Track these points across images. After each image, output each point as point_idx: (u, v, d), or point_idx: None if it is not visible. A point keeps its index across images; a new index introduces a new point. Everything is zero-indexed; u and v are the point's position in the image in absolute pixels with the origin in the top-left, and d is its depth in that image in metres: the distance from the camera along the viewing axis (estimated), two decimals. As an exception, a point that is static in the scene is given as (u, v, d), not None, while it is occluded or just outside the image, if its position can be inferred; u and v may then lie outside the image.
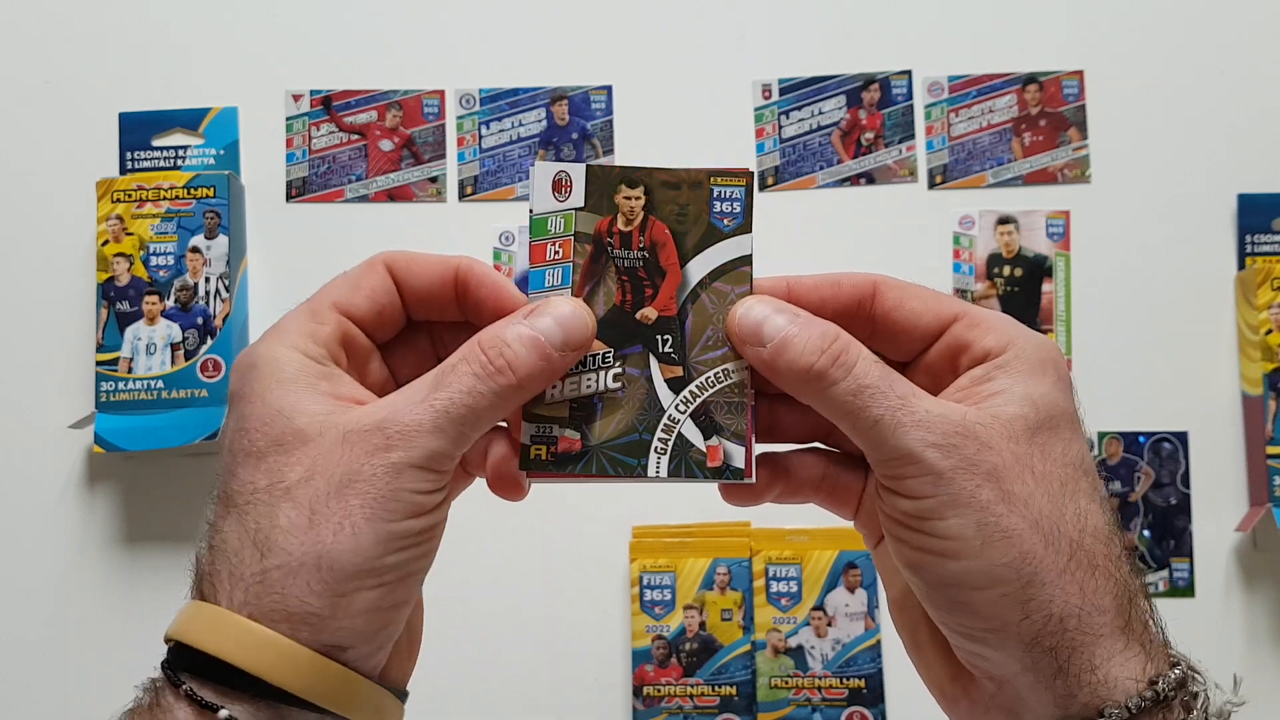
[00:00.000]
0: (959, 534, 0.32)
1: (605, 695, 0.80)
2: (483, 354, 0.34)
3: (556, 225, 0.37)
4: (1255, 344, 0.80)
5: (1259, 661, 0.80)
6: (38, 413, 0.83)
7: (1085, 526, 0.33)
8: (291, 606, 0.31)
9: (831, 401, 0.34)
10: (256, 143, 0.86)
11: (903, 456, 0.33)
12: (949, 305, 0.37)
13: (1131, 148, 0.85)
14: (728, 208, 0.38)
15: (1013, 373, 0.35)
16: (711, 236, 0.37)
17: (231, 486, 0.33)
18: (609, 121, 0.86)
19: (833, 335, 0.35)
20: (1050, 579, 0.32)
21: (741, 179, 0.38)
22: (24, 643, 0.82)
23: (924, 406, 0.33)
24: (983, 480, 0.32)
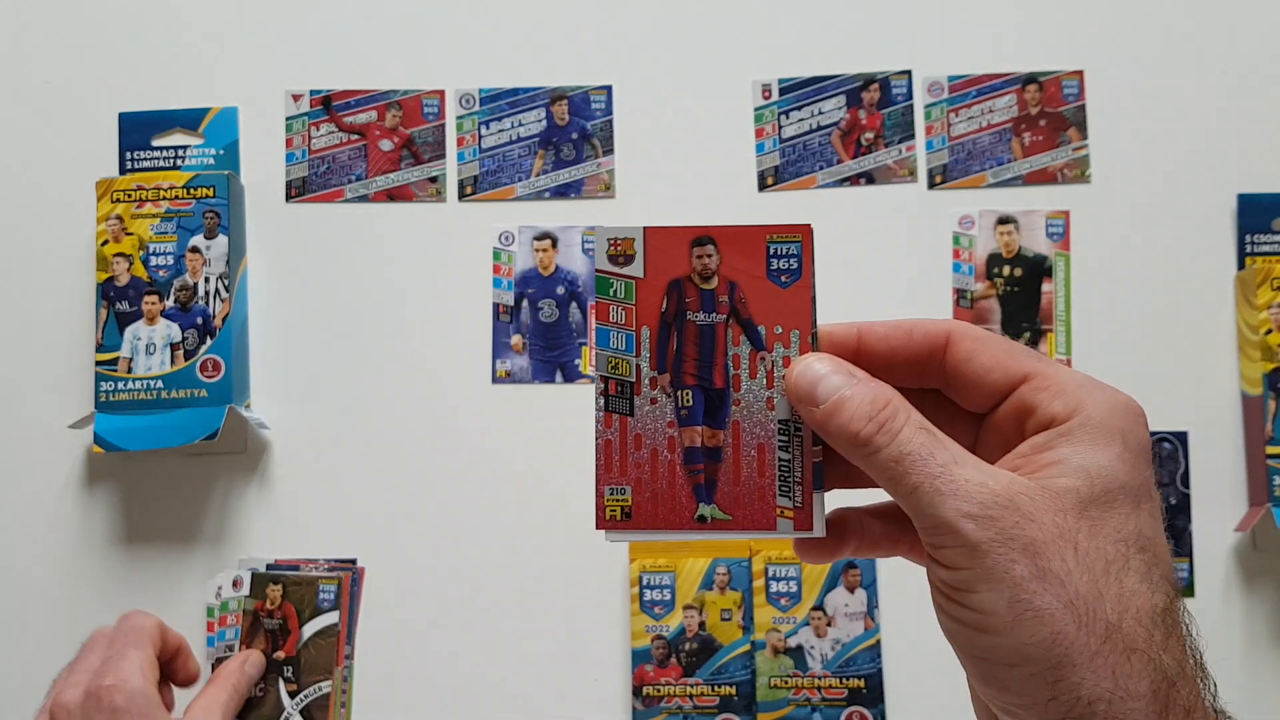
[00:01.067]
0: (991, 609, 0.32)
1: (605, 695, 0.80)
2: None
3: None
4: (1255, 344, 0.80)
5: (1259, 661, 0.80)
6: (38, 413, 0.83)
7: (1127, 609, 0.32)
8: None
9: (875, 467, 0.34)
10: (256, 143, 0.86)
11: (939, 526, 0.32)
12: (1020, 363, 0.36)
13: (1131, 148, 0.85)
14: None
15: (1075, 442, 0.33)
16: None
17: None
18: (609, 121, 0.86)
19: (883, 401, 0.34)
20: (1081, 661, 0.31)
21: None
22: (24, 642, 0.82)
23: (965, 475, 0.33)
24: (1019, 555, 0.31)
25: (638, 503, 0.37)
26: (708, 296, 0.37)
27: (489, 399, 0.83)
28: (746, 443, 0.37)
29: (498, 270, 0.85)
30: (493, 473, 0.82)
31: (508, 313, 0.84)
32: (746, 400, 0.37)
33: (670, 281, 0.37)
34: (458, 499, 0.82)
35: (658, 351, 0.37)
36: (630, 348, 0.37)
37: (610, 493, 0.37)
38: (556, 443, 0.82)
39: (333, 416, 0.84)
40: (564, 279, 0.85)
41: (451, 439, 0.83)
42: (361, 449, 0.83)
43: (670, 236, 0.37)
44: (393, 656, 0.80)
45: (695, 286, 0.37)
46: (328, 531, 0.82)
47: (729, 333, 0.37)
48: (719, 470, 0.37)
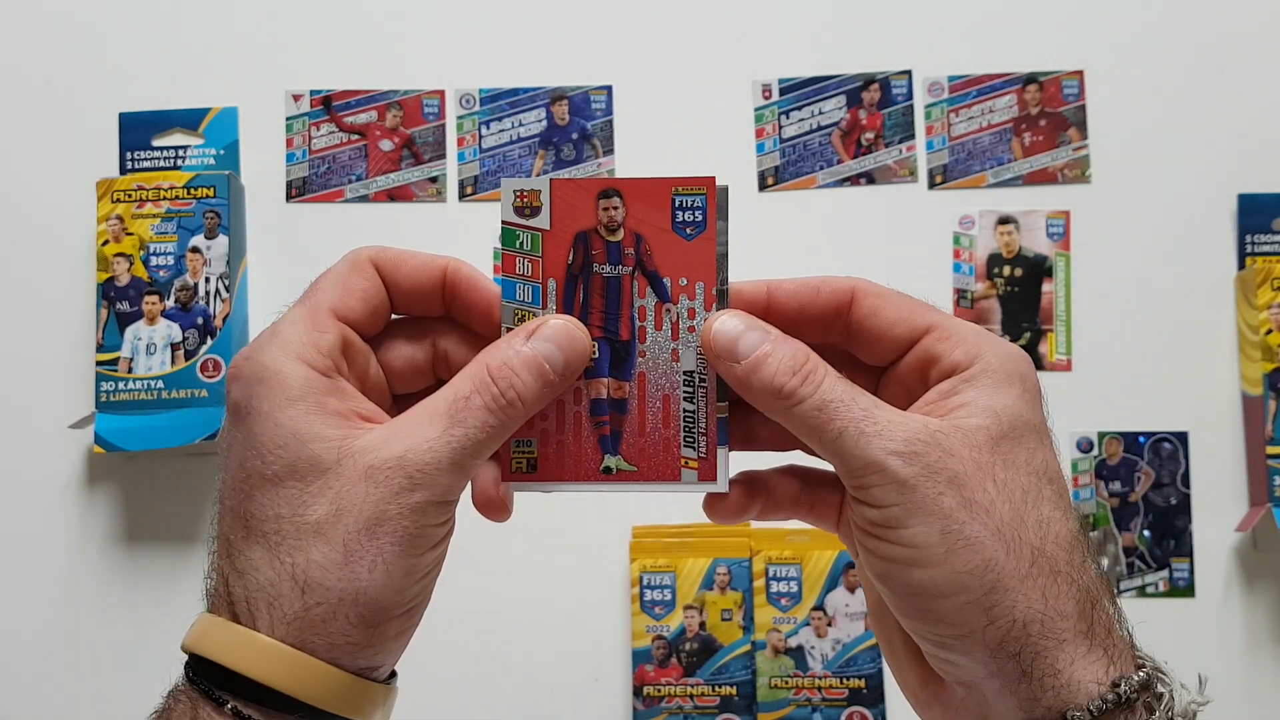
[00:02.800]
0: (923, 542, 0.33)
1: (605, 695, 0.80)
2: (494, 386, 0.35)
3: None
4: (1255, 344, 0.80)
5: (1259, 661, 0.80)
6: (38, 413, 0.83)
7: (1047, 534, 0.33)
8: (334, 640, 0.33)
9: (797, 418, 0.35)
10: (256, 143, 0.86)
11: (866, 465, 0.34)
12: (922, 316, 0.37)
13: (1131, 148, 0.85)
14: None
15: (978, 386, 0.35)
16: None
17: (250, 509, 0.34)
18: (609, 121, 0.86)
19: (804, 356, 0.35)
20: (1013, 585, 0.32)
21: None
22: (24, 642, 0.82)
23: (886, 417, 0.34)
24: (945, 487, 0.33)
25: (543, 455, 0.38)
26: (614, 249, 0.37)
27: (489, 399, 0.83)
28: (652, 394, 0.37)
29: (498, 270, 0.85)
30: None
31: (508, 313, 0.84)
32: (652, 352, 0.37)
33: (576, 234, 0.37)
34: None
35: (564, 304, 0.37)
36: (536, 300, 0.37)
37: (516, 445, 0.37)
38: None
39: (333, 416, 0.84)
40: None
41: (452, 439, 0.83)
42: (362, 449, 0.83)
43: (577, 189, 0.37)
44: (393, 656, 0.80)
45: (601, 239, 0.37)
46: (328, 531, 0.82)
47: (635, 285, 0.37)
48: (624, 422, 0.38)
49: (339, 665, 0.33)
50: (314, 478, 0.33)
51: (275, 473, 0.34)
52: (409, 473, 0.33)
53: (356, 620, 0.33)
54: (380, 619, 0.33)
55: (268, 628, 0.33)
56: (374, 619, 0.33)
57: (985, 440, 0.34)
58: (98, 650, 0.81)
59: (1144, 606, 0.81)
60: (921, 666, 0.37)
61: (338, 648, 0.33)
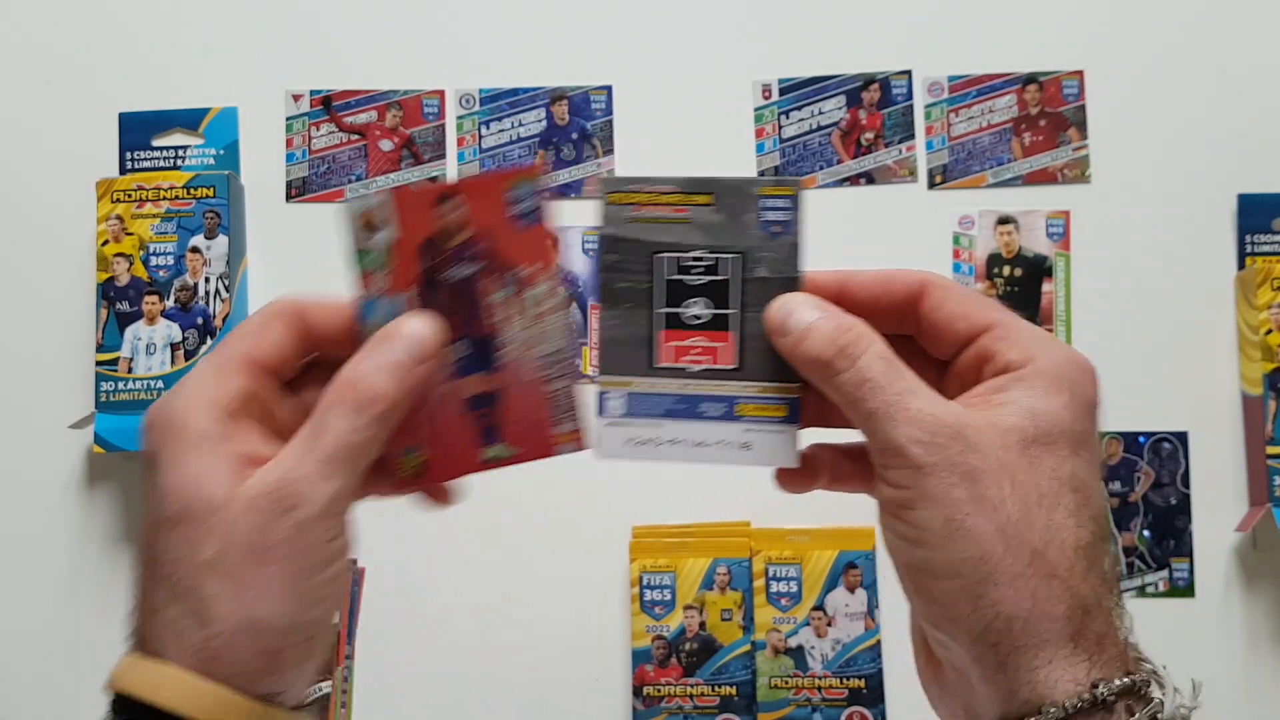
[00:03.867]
0: (927, 524, 0.34)
1: (605, 695, 0.80)
2: (351, 390, 0.36)
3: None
4: (1255, 344, 0.80)
5: (1259, 661, 0.80)
6: (38, 413, 0.83)
7: (1052, 539, 0.34)
8: (235, 668, 0.34)
9: (838, 390, 0.36)
10: (256, 143, 0.86)
11: (890, 448, 0.35)
12: (985, 314, 0.38)
13: (1131, 148, 0.85)
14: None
15: (1026, 386, 0.36)
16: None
17: (155, 553, 0.35)
18: (609, 121, 0.86)
19: (847, 327, 0.37)
20: (1004, 580, 0.33)
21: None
22: (24, 642, 0.82)
23: (918, 404, 0.35)
24: (959, 479, 0.34)
25: (431, 459, 0.39)
26: (461, 250, 0.39)
27: (489, 399, 0.83)
28: (520, 380, 0.39)
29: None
30: (492, 472, 0.82)
31: (508, 313, 0.84)
32: (513, 343, 0.39)
33: (423, 241, 0.38)
34: (450, 506, 0.82)
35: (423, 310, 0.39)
36: (400, 309, 0.38)
37: (405, 453, 0.39)
38: (557, 443, 0.82)
39: (333, 416, 0.84)
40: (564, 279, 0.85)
41: (452, 439, 0.83)
42: (362, 449, 0.83)
43: (415, 198, 0.38)
44: (393, 656, 0.80)
45: (446, 243, 0.39)
46: (328, 531, 0.82)
47: (485, 282, 0.39)
48: (501, 412, 0.39)
49: (242, 691, 0.34)
50: (206, 517, 0.35)
51: (172, 516, 0.35)
52: (284, 494, 0.34)
53: (254, 648, 0.34)
54: (277, 644, 0.35)
55: (176, 660, 0.34)
56: (270, 644, 0.34)
57: (1017, 440, 0.35)
58: (98, 650, 0.81)
59: (1144, 606, 0.81)
60: (927, 647, 0.39)
61: (239, 675, 0.34)
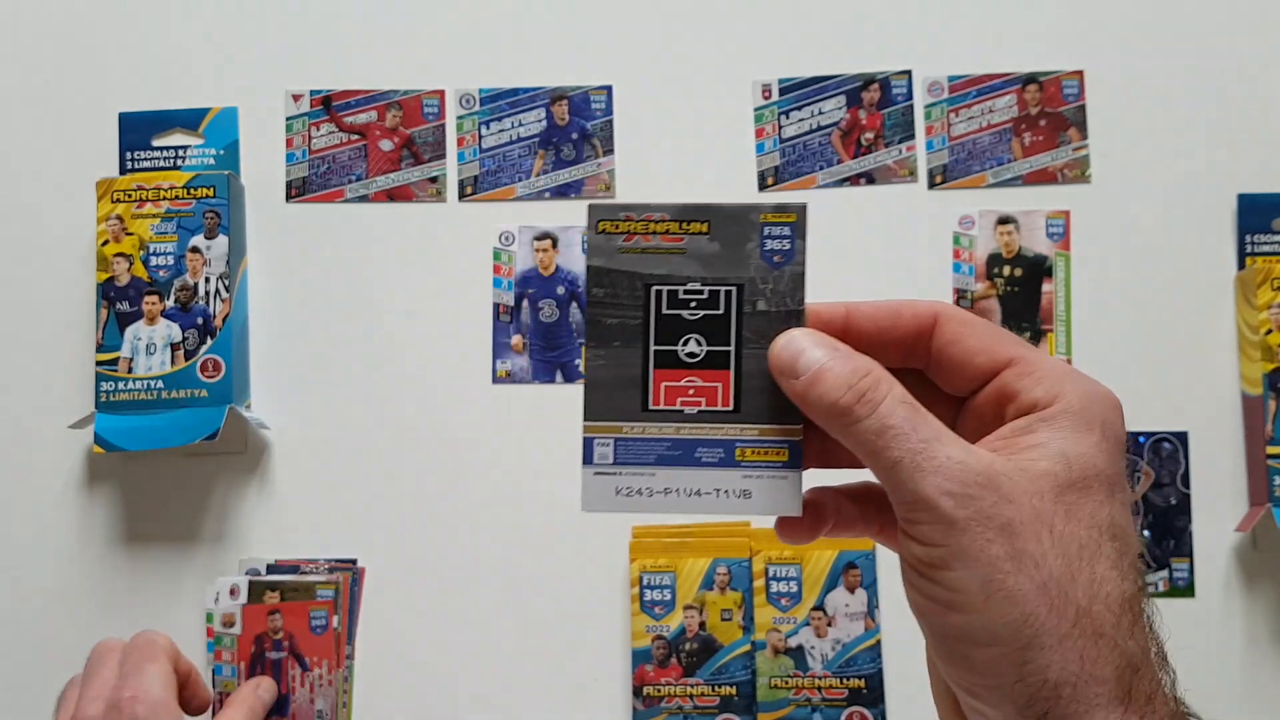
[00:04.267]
0: (964, 587, 0.32)
1: (605, 695, 0.80)
2: None
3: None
4: (1255, 344, 0.80)
5: (1259, 661, 0.80)
6: (38, 413, 0.83)
7: (1097, 594, 0.32)
8: None
9: (856, 439, 0.34)
10: (256, 143, 0.86)
11: (918, 501, 0.32)
12: (1005, 348, 0.36)
13: (1131, 148, 0.85)
14: None
15: (1056, 427, 0.34)
16: None
17: None
18: (609, 121, 0.86)
19: (863, 371, 0.34)
20: (1050, 644, 0.31)
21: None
22: (24, 642, 0.82)
23: (946, 452, 0.33)
24: (995, 534, 0.32)
25: None
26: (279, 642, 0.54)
27: (489, 399, 0.83)
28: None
29: (498, 270, 0.85)
30: (493, 473, 0.82)
31: (508, 313, 0.84)
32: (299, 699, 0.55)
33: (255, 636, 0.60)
34: (458, 499, 0.82)
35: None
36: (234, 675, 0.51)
37: None
38: (557, 443, 0.82)
39: (333, 416, 0.84)
40: (564, 279, 0.85)
41: (451, 439, 0.83)
42: (361, 449, 0.83)
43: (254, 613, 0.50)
44: (393, 656, 0.80)
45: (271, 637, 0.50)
46: (328, 531, 0.82)
47: (289, 661, 0.53)
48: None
49: None
50: None
51: None
52: None
53: None
54: None
55: None
56: None
57: (1050, 487, 0.32)
58: (98, 650, 0.81)
59: (1144, 606, 0.81)
60: (958, 713, 0.36)
61: None
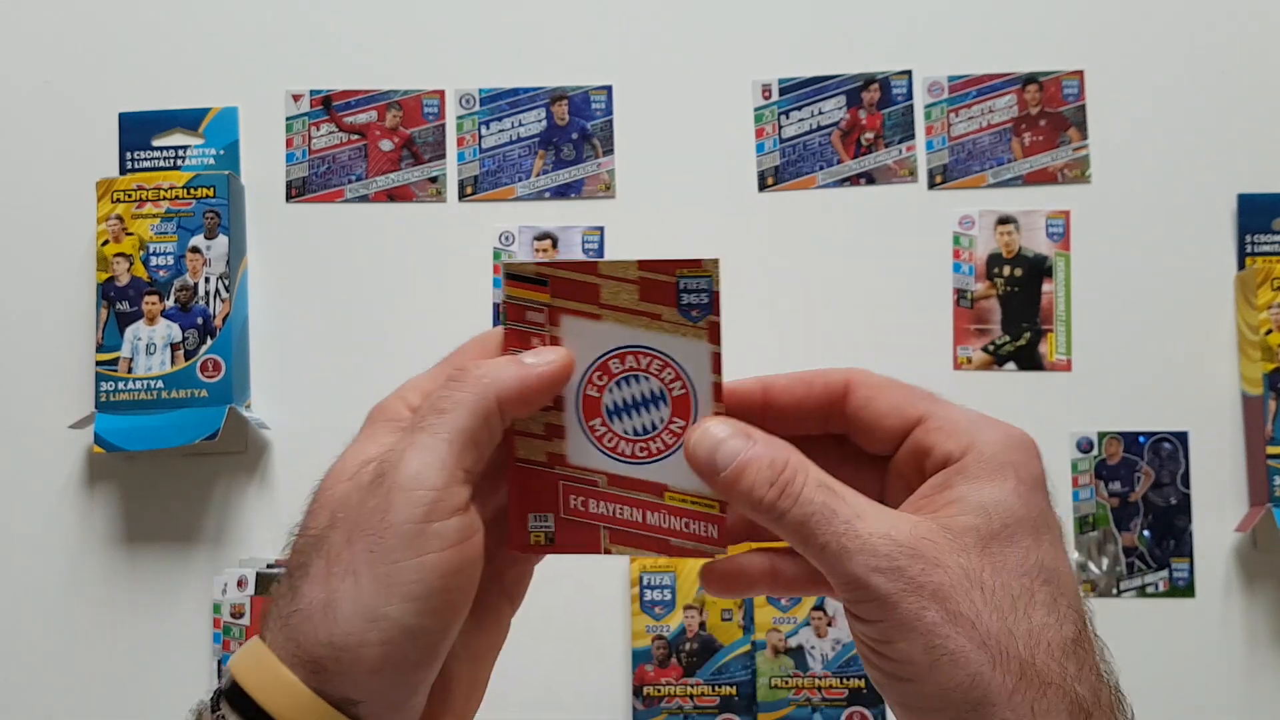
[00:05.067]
0: (907, 657, 0.32)
1: (605, 695, 0.80)
2: (466, 372, 0.35)
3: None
4: (1255, 344, 0.80)
5: (1259, 661, 0.80)
6: (38, 413, 0.83)
7: (1038, 644, 0.32)
8: (306, 653, 0.31)
9: (783, 529, 0.34)
10: (256, 143, 0.86)
11: (850, 582, 0.33)
12: (914, 406, 0.36)
13: (1131, 148, 0.85)
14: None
15: (971, 479, 0.34)
16: None
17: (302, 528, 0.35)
18: (609, 121, 0.86)
19: (781, 464, 0.34)
20: (1000, 700, 0.31)
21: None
22: (24, 642, 0.82)
23: (869, 529, 0.33)
24: (928, 601, 0.32)
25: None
26: None
27: (489, 399, 0.83)
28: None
29: (498, 270, 0.85)
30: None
31: (508, 313, 0.84)
32: None
33: None
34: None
35: None
36: None
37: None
38: (557, 443, 0.82)
39: (333, 416, 0.83)
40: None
41: (452, 439, 0.83)
42: (362, 449, 0.83)
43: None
44: (393, 656, 0.80)
45: None
46: (328, 531, 0.82)
47: None
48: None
49: (314, 686, 0.31)
50: (324, 491, 0.34)
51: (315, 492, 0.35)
52: (382, 463, 0.33)
53: (325, 636, 0.31)
54: (348, 638, 0.31)
55: (269, 634, 0.33)
56: (341, 637, 0.31)
57: (974, 542, 0.33)
58: (98, 650, 0.81)
59: (1144, 606, 0.81)
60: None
61: (310, 663, 0.31)
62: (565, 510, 0.39)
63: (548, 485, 0.38)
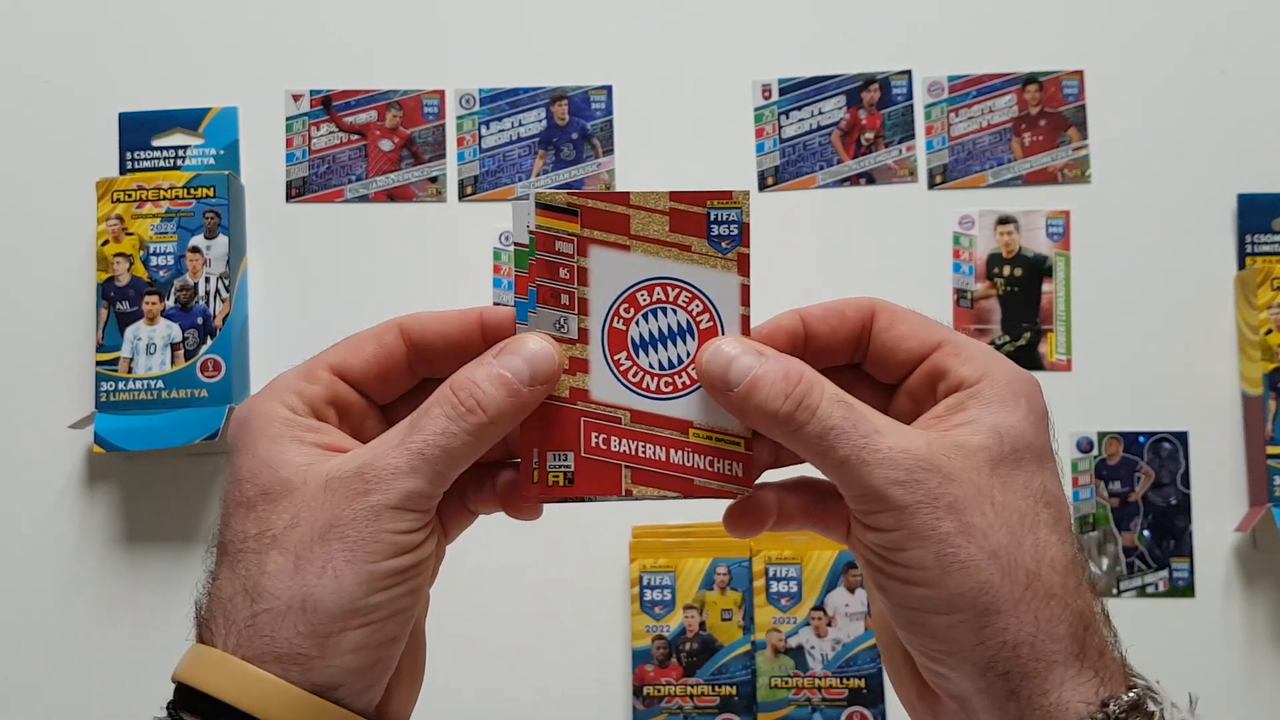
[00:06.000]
0: (920, 564, 0.34)
1: (605, 695, 0.80)
2: (454, 396, 0.35)
3: None
4: (1255, 344, 0.80)
5: (1259, 662, 0.80)
6: (38, 413, 0.83)
7: (1043, 557, 0.34)
8: (280, 648, 0.33)
9: (800, 443, 0.35)
10: (256, 143, 0.86)
11: (869, 494, 0.34)
12: (935, 332, 0.38)
13: (1131, 148, 0.85)
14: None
15: (984, 402, 0.36)
16: None
17: (225, 536, 0.35)
18: (609, 121, 0.86)
19: (796, 377, 0.35)
20: (1006, 608, 0.33)
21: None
22: (24, 643, 0.82)
23: (888, 443, 0.34)
24: (944, 513, 0.33)
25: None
26: None
27: (489, 399, 0.83)
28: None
29: (498, 270, 0.85)
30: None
31: (508, 313, 0.84)
32: None
33: None
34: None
35: None
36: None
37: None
38: (557, 443, 0.82)
39: (333, 416, 0.84)
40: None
41: (452, 439, 0.83)
42: (362, 449, 0.83)
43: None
44: (393, 656, 0.80)
45: None
46: (328, 531, 0.82)
47: None
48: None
49: (289, 678, 0.32)
50: (280, 497, 0.34)
51: (249, 498, 0.35)
52: (365, 478, 0.34)
53: (305, 628, 0.33)
54: (329, 627, 0.33)
55: (222, 639, 0.33)
56: (322, 626, 0.33)
57: (985, 461, 0.34)
58: (98, 650, 0.81)
59: (1144, 606, 0.81)
60: (918, 679, 0.38)
61: (286, 658, 0.32)
62: (586, 449, 0.38)
63: (568, 422, 0.38)
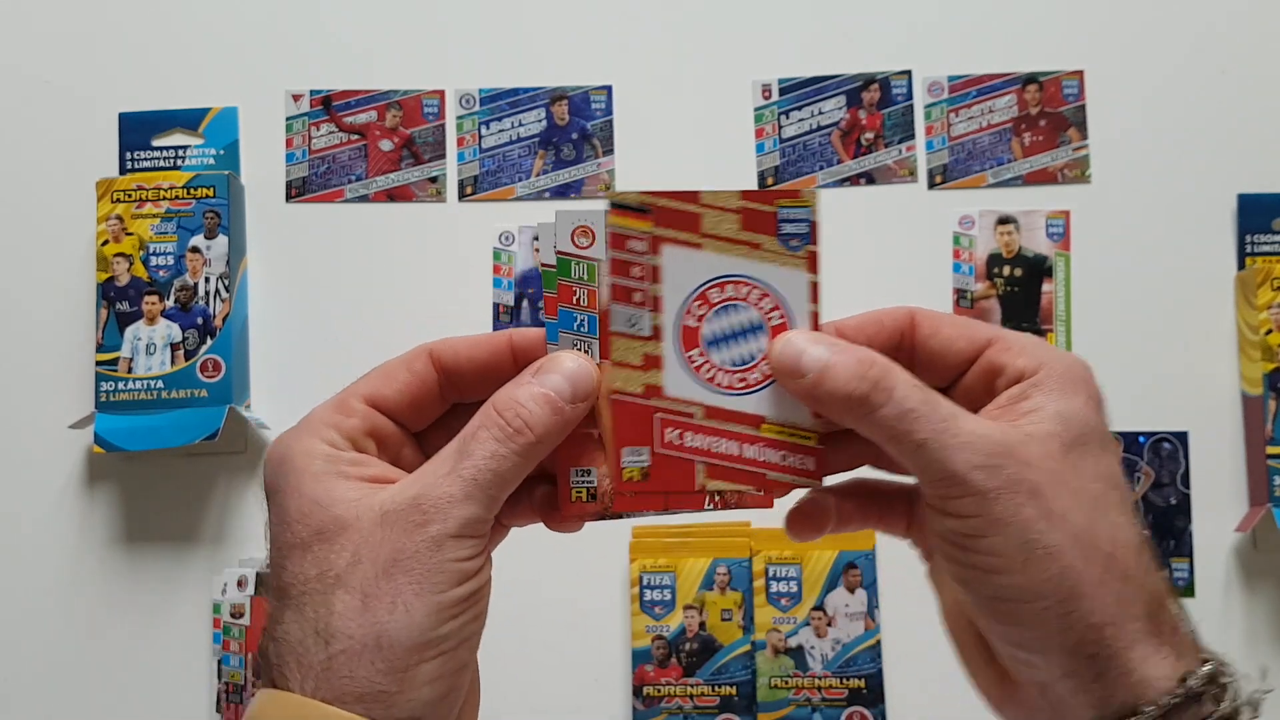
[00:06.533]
0: (1003, 551, 0.34)
1: (605, 695, 0.80)
2: (500, 417, 0.35)
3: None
4: (1255, 344, 0.80)
5: (1259, 661, 0.80)
6: (38, 413, 0.83)
7: (1118, 539, 0.34)
8: (361, 688, 0.33)
9: (877, 426, 0.35)
10: (256, 143, 0.86)
11: (949, 478, 0.34)
12: (981, 331, 0.38)
13: (1131, 148, 0.85)
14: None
15: (1047, 391, 0.36)
16: None
17: (283, 580, 0.35)
18: (609, 121, 0.86)
19: (869, 361, 0.36)
20: (1089, 591, 0.33)
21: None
22: (24, 643, 0.82)
23: (967, 428, 0.34)
24: (1025, 499, 0.34)
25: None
26: None
27: (489, 399, 0.83)
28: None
29: (498, 270, 0.85)
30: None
31: (508, 313, 0.84)
32: None
33: None
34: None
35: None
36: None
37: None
38: (557, 443, 0.82)
39: (333, 416, 0.84)
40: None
41: (452, 439, 0.83)
42: (362, 449, 0.83)
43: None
44: (393, 656, 0.80)
45: None
46: (328, 531, 0.82)
47: None
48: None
49: (373, 717, 0.32)
50: (336, 535, 0.34)
51: (302, 539, 0.34)
52: (422, 509, 0.34)
53: (382, 665, 0.33)
54: (406, 661, 0.33)
55: (298, 684, 0.33)
56: (398, 661, 0.33)
57: (1058, 448, 0.35)
58: (98, 650, 0.81)
59: (1144, 606, 0.81)
60: (995, 667, 0.38)
61: (368, 697, 0.32)
62: (661, 444, 0.38)
63: (643, 418, 0.38)
